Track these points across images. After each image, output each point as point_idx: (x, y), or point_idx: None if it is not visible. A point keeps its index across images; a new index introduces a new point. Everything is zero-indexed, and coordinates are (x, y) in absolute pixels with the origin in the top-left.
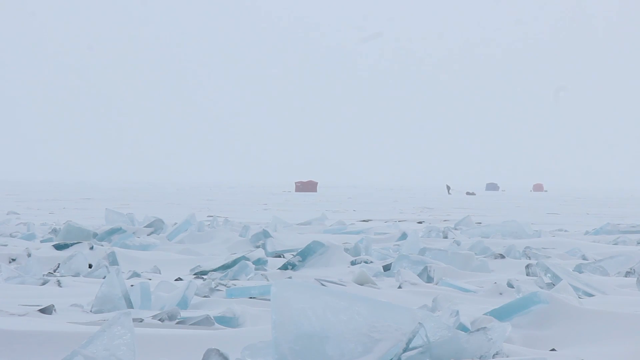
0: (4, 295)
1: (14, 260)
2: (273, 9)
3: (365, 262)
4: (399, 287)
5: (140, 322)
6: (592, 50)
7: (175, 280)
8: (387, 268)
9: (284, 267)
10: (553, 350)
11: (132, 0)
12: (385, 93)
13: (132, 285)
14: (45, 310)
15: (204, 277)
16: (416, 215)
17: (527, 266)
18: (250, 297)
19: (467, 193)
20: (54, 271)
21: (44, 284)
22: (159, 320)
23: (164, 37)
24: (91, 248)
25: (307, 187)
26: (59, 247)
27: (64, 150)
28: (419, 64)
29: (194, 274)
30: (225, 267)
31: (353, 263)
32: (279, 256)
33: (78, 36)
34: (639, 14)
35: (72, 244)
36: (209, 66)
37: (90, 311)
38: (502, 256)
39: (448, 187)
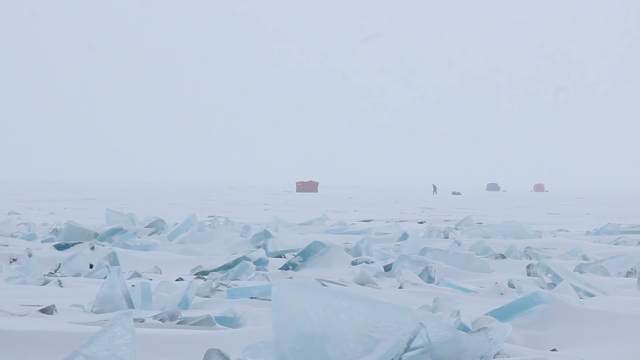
0: (4, 295)
1: (15, 260)
2: (273, 10)
3: (366, 262)
4: (400, 287)
5: (141, 322)
6: (593, 50)
7: (176, 280)
8: (388, 268)
9: (285, 267)
10: (554, 350)
11: (133, 2)
12: (385, 93)
13: (133, 286)
14: (46, 311)
15: (205, 277)
16: (417, 215)
17: (528, 266)
18: (251, 297)
19: (453, 193)
20: (55, 271)
21: (44, 284)
22: (160, 320)
23: (165, 37)
24: (92, 248)
25: (308, 187)
26: (59, 247)
27: (64, 151)
28: (419, 64)
29: (195, 274)
30: (226, 267)
31: (354, 263)
32: (280, 256)
33: (78, 36)
34: (639, 13)
35: (73, 244)
36: (210, 66)
37: (91, 311)
38: (503, 256)
39: (434, 187)
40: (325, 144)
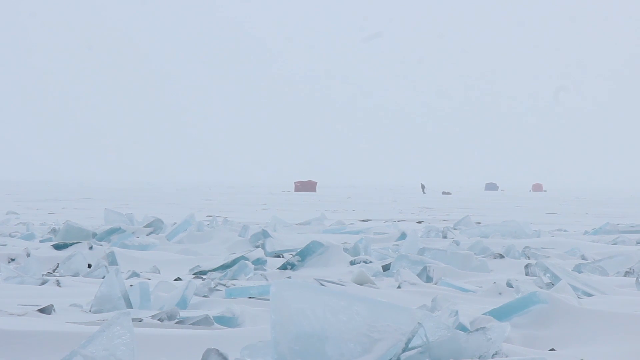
0: (3, 295)
1: (13, 260)
2: (273, 9)
3: (365, 262)
4: (398, 287)
5: (140, 322)
6: (592, 50)
7: (175, 280)
8: (386, 268)
9: (283, 267)
10: (552, 350)
11: (134, 2)
12: (385, 93)
13: (131, 285)
14: (45, 310)
15: (203, 277)
16: (415, 215)
17: (527, 266)
18: (250, 297)
19: (443, 192)
20: (53, 271)
21: (43, 283)
22: (158, 320)
23: (165, 37)
24: (90, 248)
25: (306, 187)
26: (58, 247)
27: (63, 151)
28: (419, 64)
29: (193, 274)
30: (224, 267)
31: (352, 263)
32: (278, 256)
33: (78, 36)
34: (639, 13)
35: (71, 244)
36: (209, 66)
37: (90, 311)
38: (502, 256)
39: (423, 187)
40: (324, 144)
